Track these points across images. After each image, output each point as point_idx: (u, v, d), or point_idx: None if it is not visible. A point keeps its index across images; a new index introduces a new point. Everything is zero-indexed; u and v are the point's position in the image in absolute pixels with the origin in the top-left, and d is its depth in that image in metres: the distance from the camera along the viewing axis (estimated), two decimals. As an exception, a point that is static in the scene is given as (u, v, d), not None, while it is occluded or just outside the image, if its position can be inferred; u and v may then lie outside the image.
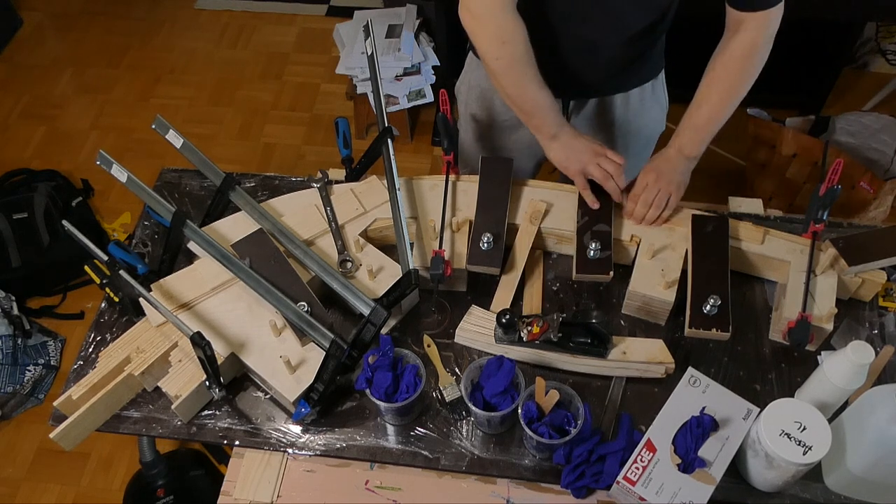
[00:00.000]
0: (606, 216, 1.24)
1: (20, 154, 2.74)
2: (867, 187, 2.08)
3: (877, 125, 2.27)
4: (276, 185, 1.41)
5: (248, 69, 3.03)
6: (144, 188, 1.27)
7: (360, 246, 1.24)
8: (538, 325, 1.13)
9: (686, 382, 1.07)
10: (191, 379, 1.10)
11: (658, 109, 1.45)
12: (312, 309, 1.13)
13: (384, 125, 1.31)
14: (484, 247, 1.20)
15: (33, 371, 2.08)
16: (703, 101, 1.21)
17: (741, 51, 1.16)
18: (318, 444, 1.10)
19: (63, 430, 1.06)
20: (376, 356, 1.08)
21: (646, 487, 0.98)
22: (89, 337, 1.22)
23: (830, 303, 1.15)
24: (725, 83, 1.19)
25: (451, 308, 1.24)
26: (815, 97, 2.59)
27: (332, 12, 3.23)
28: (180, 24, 3.23)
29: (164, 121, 1.34)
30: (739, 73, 1.18)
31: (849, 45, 2.47)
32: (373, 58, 1.36)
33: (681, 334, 1.20)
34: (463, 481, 1.10)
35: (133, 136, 2.80)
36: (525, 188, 1.31)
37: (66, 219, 1.24)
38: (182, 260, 1.27)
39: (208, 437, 1.12)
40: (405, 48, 2.47)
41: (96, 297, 2.24)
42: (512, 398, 1.06)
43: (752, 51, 1.16)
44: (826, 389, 1.02)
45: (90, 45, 3.14)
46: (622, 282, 1.21)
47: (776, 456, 0.94)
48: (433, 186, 1.32)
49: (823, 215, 1.19)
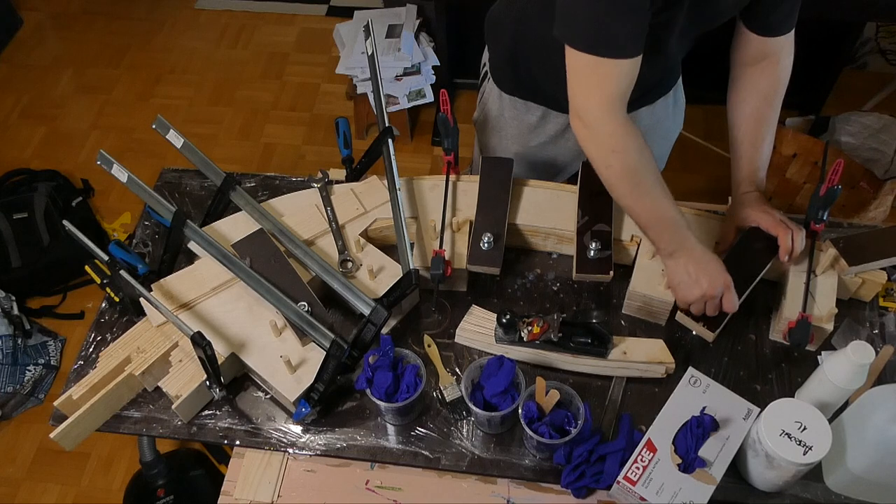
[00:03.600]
0: (606, 216, 1.24)
1: (20, 154, 2.73)
2: (867, 187, 2.08)
3: (877, 125, 2.28)
4: (276, 185, 1.41)
5: (248, 69, 3.03)
6: (145, 188, 1.27)
7: (360, 246, 1.24)
8: (538, 325, 1.13)
9: (686, 382, 1.07)
10: (191, 379, 1.10)
11: (678, 112, 1.45)
12: (313, 309, 1.13)
13: (384, 125, 1.31)
14: (484, 247, 1.20)
15: (33, 371, 2.08)
16: (760, 140, 1.18)
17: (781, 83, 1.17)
18: (319, 444, 1.10)
19: (63, 430, 1.06)
20: (377, 356, 1.08)
21: (646, 487, 0.98)
22: (89, 337, 1.22)
23: (830, 303, 1.15)
24: (771, 118, 1.18)
25: (452, 308, 1.24)
26: (815, 97, 2.59)
27: (332, 12, 3.23)
28: (180, 24, 3.23)
29: (165, 121, 1.34)
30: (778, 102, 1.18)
31: (849, 45, 2.47)
32: (373, 58, 1.36)
33: (681, 334, 1.20)
34: (463, 481, 1.10)
35: (133, 136, 2.80)
36: (525, 188, 1.31)
37: (66, 219, 1.24)
38: (182, 260, 1.27)
39: (208, 437, 1.12)
40: (405, 48, 2.47)
41: (96, 297, 2.25)
42: (512, 398, 1.06)
43: (785, 76, 1.17)
44: (826, 389, 1.02)
45: (90, 45, 3.14)
46: (622, 282, 1.21)
47: (776, 456, 0.94)
48: (433, 186, 1.32)
49: (823, 215, 1.19)
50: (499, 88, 1.37)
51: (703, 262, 1.07)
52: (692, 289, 1.08)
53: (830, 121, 2.38)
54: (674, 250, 1.08)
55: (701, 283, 1.06)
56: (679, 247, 1.08)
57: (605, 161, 1.06)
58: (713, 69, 1.42)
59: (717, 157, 2.56)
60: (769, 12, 1.12)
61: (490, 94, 1.41)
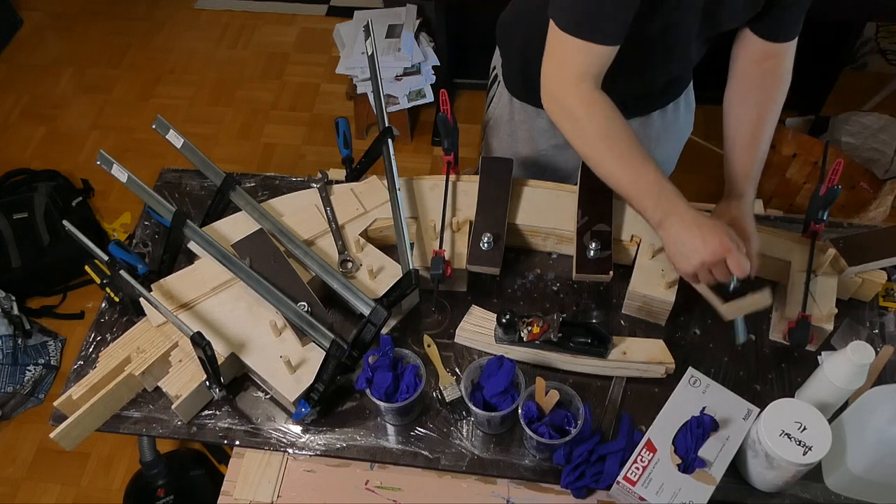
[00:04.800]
0: (606, 216, 1.24)
1: (20, 154, 2.74)
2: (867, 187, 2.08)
3: (877, 125, 2.28)
4: (276, 185, 1.41)
5: (248, 69, 3.03)
6: (145, 188, 1.27)
7: (360, 246, 1.24)
8: (538, 325, 1.13)
9: (686, 382, 1.07)
10: (191, 379, 1.10)
11: (689, 115, 1.45)
12: (313, 309, 1.13)
13: (384, 125, 1.31)
14: (484, 247, 1.20)
15: (33, 371, 2.08)
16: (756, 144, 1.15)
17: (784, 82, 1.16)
18: (318, 444, 1.10)
19: (63, 430, 1.06)
20: (376, 356, 1.08)
21: (646, 487, 0.98)
22: (89, 337, 1.22)
23: (830, 303, 1.15)
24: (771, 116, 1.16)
25: (451, 308, 1.24)
26: (815, 97, 2.59)
27: (332, 12, 3.23)
28: (180, 24, 3.23)
29: (165, 121, 1.34)
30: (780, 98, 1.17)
31: (849, 45, 2.47)
32: (373, 58, 1.36)
33: (681, 334, 1.20)
34: (463, 481, 1.10)
35: (133, 136, 2.80)
36: (525, 188, 1.31)
37: (66, 219, 1.24)
38: (182, 260, 1.27)
39: (208, 437, 1.12)
40: (405, 48, 2.48)
41: (96, 297, 2.24)
42: (512, 398, 1.06)
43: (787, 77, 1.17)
44: (826, 389, 1.02)
45: (90, 45, 3.15)
46: (622, 282, 1.21)
47: (776, 456, 0.94)
48: (433, 186, 1.32)
49: (823, 215, 1.19)
50: (509, 93, 1.37)
51: (695, 227, 0.98)
52: (688, 258, 0.99)
53: (830, 121, 2.38)
54: (661, 219, 1.01)
55: (697, 250, 0.98)
56: (667, 214, 1.01)
57: (575, 131, 1.06)
58: (713, 69, 1.42)
59: (717, 158, 2.54)
60: (777, 18, 1.12)
61: (500, 97, 1.41)
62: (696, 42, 1.15)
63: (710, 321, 1.21)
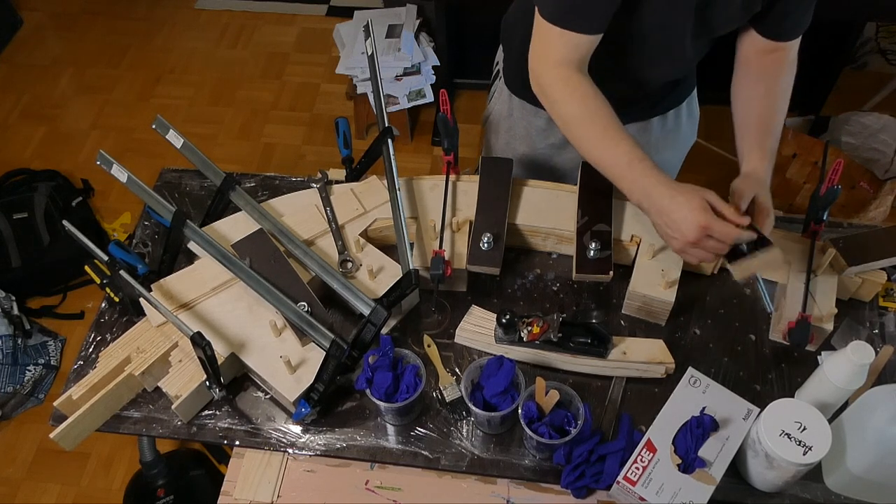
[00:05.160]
0: (606, 216, 1.24)
1: (20, 154, 2.74)
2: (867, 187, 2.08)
3: (877, 125, 2.28)
4: (276, 185, 1.41)
5: (248, 69, 3.04)
6: (144, 188, 1.27)
7: (360, 246, 1.24)
8: (538, 325, 1.13)
9: (686, 382, 1.07)
10: (191, 379, 1.10)
11: (692, 123, 1.45)
12: (313, 309, 1.13)
13: (384, 125, 1.31)
14: (484, 247, 1.20)
15: (33, 371, 2.08)
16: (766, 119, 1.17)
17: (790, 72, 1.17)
18: (318, 444, 1.10)
19: (63, 430, 1.06)
20: (376, 356, 1.08)
21: (646, 487, 0.98)
22: (89, 337, 1.22)
23: (830, 303, 1.15)
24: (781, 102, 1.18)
25: (451, 308, 1.24)
26: (814, 97, 2.59)
27: (332, 12, 3.24)
28: (180, 24, 3.23)
29: (165, 121, 1.34)
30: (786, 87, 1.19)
31: (849, 45, 2.47)
32: (373, 58, 1.36)
33: (681, 334, 1.20)
34: (463, 481, 1.10)
35: (133, 136, 2.80)
36: (525, 188, 1.31)
37: (66, 219, 1.24)
38: (182, 260, 1.27)
39: (208, 437, 1.12)
40: (405, 48, 2.48)
41: (96, 297, 2.24)
42: (512, 398, 1.06)
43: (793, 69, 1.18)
44: (826, 389, 1.02)
45: (90, 45, 3.15)
46: (622, 282, 1.21)
47: (776, 456, 0.94)
48: (433, 186, 1.32)
49: (823, 215, 1.19)
50: (509, 90, 1.38)
51: (668, 212, 1.00)
52: (672, 242, 1.03)
53: (830, 121, 2.38)
54: (639, 201, 1.05)
55: (678, 234, 1.00)
56: (644, 197, 1.03)
57: (553, 112, 1.11)
58: (713, 69, 1.42)
59: (717, 158, 2.56)
60: (779, 20, 1.12)
61: (500, 93, 1.42)
62: (692, 41, 1.15)
63: (710, 321, 1.21)
